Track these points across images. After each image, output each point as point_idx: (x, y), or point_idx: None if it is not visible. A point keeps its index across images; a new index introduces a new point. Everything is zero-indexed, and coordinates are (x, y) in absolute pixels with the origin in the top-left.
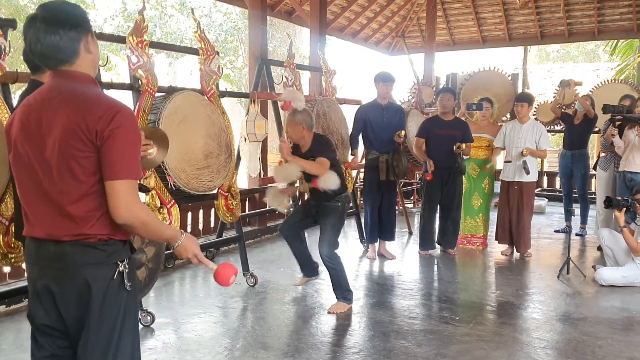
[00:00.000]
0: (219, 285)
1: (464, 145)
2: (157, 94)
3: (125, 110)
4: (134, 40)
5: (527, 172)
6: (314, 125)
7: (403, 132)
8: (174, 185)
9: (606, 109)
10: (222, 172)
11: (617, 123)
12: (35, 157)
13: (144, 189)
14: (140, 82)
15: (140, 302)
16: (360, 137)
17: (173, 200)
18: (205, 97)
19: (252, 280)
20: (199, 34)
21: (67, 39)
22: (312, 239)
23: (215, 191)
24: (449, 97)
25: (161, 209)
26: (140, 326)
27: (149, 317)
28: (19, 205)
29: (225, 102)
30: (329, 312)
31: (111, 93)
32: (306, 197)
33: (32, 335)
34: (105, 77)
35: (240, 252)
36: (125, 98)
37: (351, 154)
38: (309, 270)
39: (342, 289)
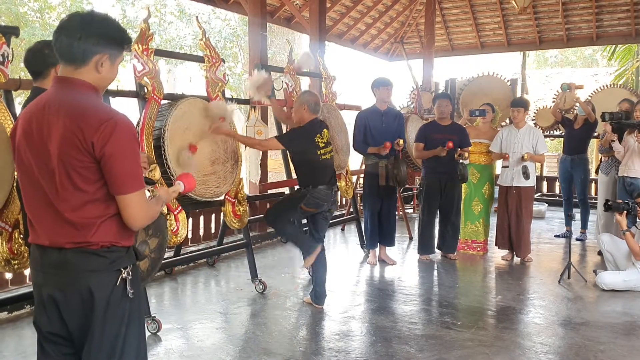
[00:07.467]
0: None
1: (466, 154)
2: (163, 101)
3: (122, 122)
4: (139, 48)
5: (527, 177)
6: (318, 111)
7: (402, 142)
8: None
9: (605, 116)
10: (228, 179)
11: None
12: (37, 165)
13: (150, 182)
14: (146, 90)
15: (148, 309)
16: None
17: (180, 207)
18: None
19: (262, 286)
20: (204, 41)
21: (82, 45)
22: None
23: (222, 197)
24: (446, 102)
25: (168, 215)
26: (148, 333)
27: (155, 325)
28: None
29: None
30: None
31: (117, 101)
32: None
33: (38, 342)
34: (111, 84)
35: (249, 259)
36: (130, 105)
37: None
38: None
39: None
